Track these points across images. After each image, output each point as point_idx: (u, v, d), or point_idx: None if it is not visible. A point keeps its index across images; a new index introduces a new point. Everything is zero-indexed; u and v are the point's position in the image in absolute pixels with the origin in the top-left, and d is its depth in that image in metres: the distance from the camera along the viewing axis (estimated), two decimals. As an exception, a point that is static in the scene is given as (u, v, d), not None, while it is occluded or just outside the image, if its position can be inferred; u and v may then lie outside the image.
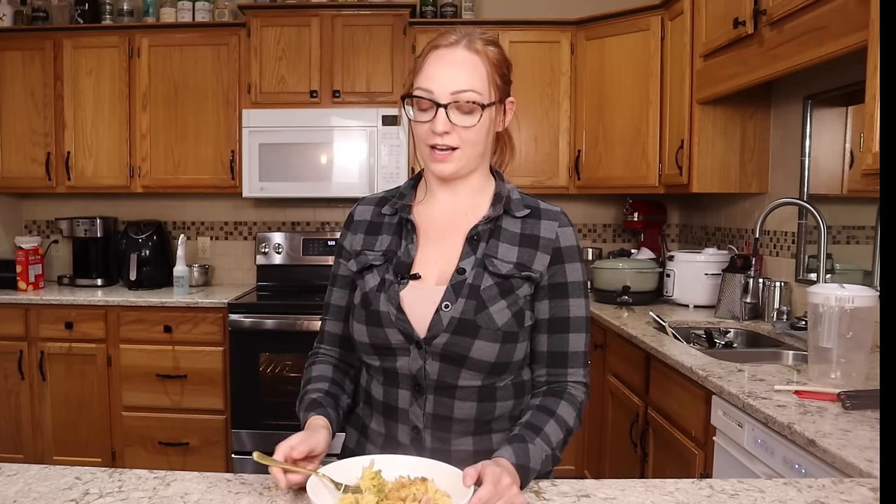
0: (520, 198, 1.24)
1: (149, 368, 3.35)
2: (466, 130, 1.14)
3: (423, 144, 1.17)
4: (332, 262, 1.33)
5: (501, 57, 1.19)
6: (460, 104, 1.13)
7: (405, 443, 1.18)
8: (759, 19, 2.26)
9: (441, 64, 1.14)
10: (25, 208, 4.09)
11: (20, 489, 1.07)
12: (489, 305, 1.14)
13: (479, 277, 1.16)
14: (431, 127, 1.14)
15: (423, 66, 1.16)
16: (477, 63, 1.15)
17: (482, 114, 1.14)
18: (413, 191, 1.27)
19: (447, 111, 1.13)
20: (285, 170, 3.49)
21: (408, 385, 1.17)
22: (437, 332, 1.14)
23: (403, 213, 1.23)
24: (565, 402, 1.18)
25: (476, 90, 1.13)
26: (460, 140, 1.15)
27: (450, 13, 3.70)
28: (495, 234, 1.20)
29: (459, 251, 1.19)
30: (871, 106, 1.68)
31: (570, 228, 1.22)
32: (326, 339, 1.32)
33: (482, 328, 1.13)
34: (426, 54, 1.17)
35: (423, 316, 1.15)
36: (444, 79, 1.13)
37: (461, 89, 1.13)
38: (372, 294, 1.18)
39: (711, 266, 3.05)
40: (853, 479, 1.18)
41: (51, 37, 3.62)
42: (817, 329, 1.76)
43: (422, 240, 1.22)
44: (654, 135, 3.24)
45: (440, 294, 1.16)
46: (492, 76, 1.16)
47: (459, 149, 1.16)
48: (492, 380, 1.17)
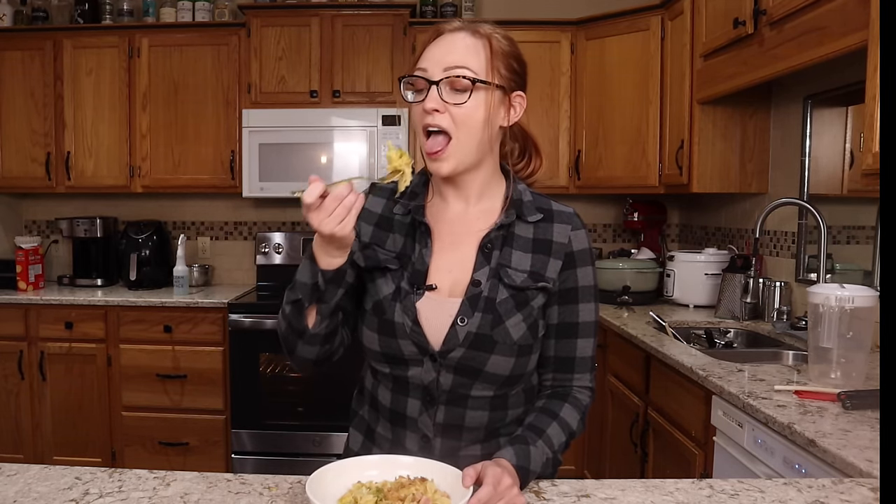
0: (532, 199, 1.19)
1: (149, 368, 3.35)
2: (458, 109, 1.08)
3: (421, 133, 1.12)
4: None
5: (510, 49, 1.15)
6: (452, 80, 1.08)
7: (413, 450, 1.16)
8: (759, 19, 2.26)
9: (439, 45, 1.12)
10: (25, 208, 4.09)
11: (20, 489, 1.07)
12: (505, 320, 1.12)
13: (494, 290, 1.13)
14: (424, 105, 1.09)
15: (424, 50, 1.13)
16: (477, 46, 1.11)
17: (473, 91, 1.08)
18: (425, 189, 1.22)
19: (439, 88, 1.08)
20: (285, 170, 3.49)
21: (418, 395, 1.15)
22: (453, 347, 1.11)
23: (417, 215, 1.18)
24: (569, 406, 1.16)
25: (470, 68, 1.09)
26: (452, 121, 1.09)
27: (450, 13, 3.70)
28: (508, 241, 1.16)
29: (472, 259, 1.16)
30: (871, 106, 1.68)
31: (582, 231, 1.19)
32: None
33: (498, 343, 1.11)
34: (430, 39, 1.14)
35: (439, 329, 1.13)
36: (439, 57, 1.10)
37: (454, 65, 1.09)
38: (387, 303, 1.15)
39: (711, 266, 3.05)
40: (853, 479, 1.18)
41: (51, 37, 3.62)
42: (817, 329, 1.76)
43: (435, 245, 1.18)
44: (654, 135, 3.24)
45: (456, 307, 1.13)
46: (492, 62, 1.11)
47: (453, 139, 1.09)
48: (504, 389, 1.15)
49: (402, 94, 1.14)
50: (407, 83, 1.13)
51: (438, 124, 1.09)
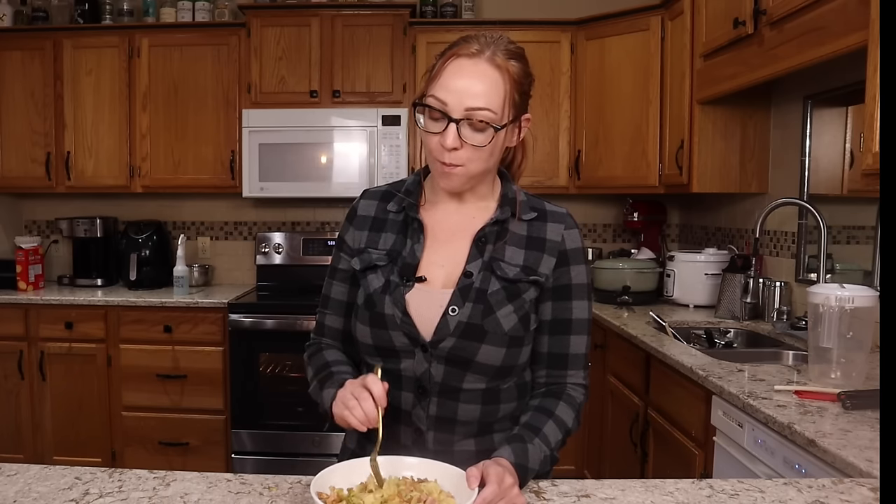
0: (526, 199, 1.22)
1: (149, 368, 3.35)
2: (476, 149, 1.10)
3: (432, 157, 1.14)
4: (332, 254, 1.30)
5: (524, 72, 1.14)
6: (473, 122, 1.08)
7: (407, 444, 1.17)
8: (759, 19, 2.26)
9: (459, 75, 1.09)
10: (25, 208, 4.09)
11: (20, 489, 1.07)
12: (496, 310, 1.14)
13: (486, 281, 1.15)
14: (441, 140, 1.09)
15: (441, 73, 1.10)
16: (497, 80, 1.09)
17: (494, 136, 1.10)
18: (420, 188, 1.24)
19: (459, 126, 1.08)
20: (285, 170, 3.49)
21: (411, 387, 1.16)
22: (444, 336, 1.13)
23: (411, 213, 1.21)
24: (564, 403, 1.17)
25: (492, 109, 1.08)
26: (468, 157, 1.11)
27: (450, 13, 3.70)
28: (502, 237, 1.18)
29: (466, 253, 1.18)
30: (871, 106, 1.68)
31: (575, 230, 1.21)
32: (328, 333, 1.29)
33: (489, 333, 1.13)
34: (445, 61, 1.11)
35: (430, 319, 1.14)
36: (461, 92, 1.08)
37: (476, 107, 1.08)
38: (376, 296, 1.17)
39: (711, 266, 3.05)
40: (853, 479, 1.18)
41: (51, 37, 3.62)
42: (817, 329, 1.76)
43: (428, 241, 1.20)
44: (654, 135, 3.24)
45: (447, 297, 1.15)
46: (511, 94, 1.11)
47: (466, 167, 1.12)
48: (496, 382, 1.17)
49: (417, 120, 1.14)
50: (420, 108, 1.13)
51: (455, 162, 1.11)
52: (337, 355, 1.25)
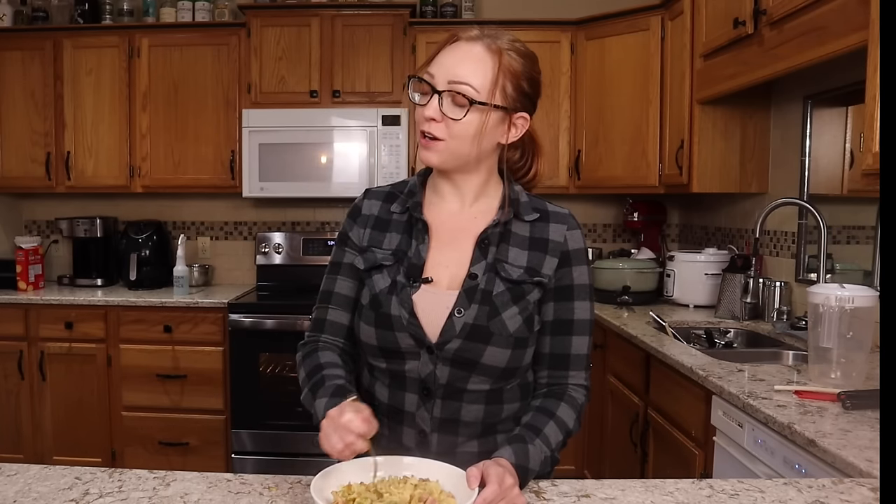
0: (528, 200, 1.22)
1: (149, 368, 3.35)
2: (454, 124, 1.10)
3: (417, 130, 1.16)
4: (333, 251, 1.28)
5: (522, 68, 1.14)
6: (454, 95, 1.10)
7: (410, 446, 1.17)
8: (759, 19, 2.26)
9: (452, 53, 1.12)
10: (25, 208, 4.09)
11: (20, 489, 1.07)
12: (502, 312, 1.14)
13: (490, 283, 1.15)
14: (423, 111, 1.12)
15: (438, 52, 1.14)
16: (487, 62, 1.11)
17: (469, 111, 1.10)
18: (423, 189, 1.24)
19: (441, 98, 1.10)
20: (285, 170, 3.49)
21: (415, 389, 1.16)
22: (450, 338, 1.13)
23: (415, 213, 1.21)
24: (565, 404, 1.17)
25: (474, 86, 1.10)
26: (447, 132, 1.11)
27: (450, 13, 3.70)
28: (505, 238, 1.18)
29: (470, 255, 1.18)
30: (871, 106, 1.68)
31: (578, 231, 1.21)
32: (330, 329, 1.23)
33: (495, 334, 1.13)
34: (445, 42, 1.14)
35: (436, 321, 1.14)
36: (448, 66, 1.11)
37: (458, 80, 1.10)
38: (382, 296, 1.16)
39: (711, 266, 3.05)
40: (853, 479, 1.18)
41: (51, 37, 3.62)
42: (817, 329, 1.76)
43: (433, 242, 1.20)
44: (654, 135, 3.24)
45: (452, 299, 1.15)
46: (500, 80, 1.11)
47: (444, 141, 1.12)
48: (500, 384, 1.17)
49: (410, 94, 1.16)
50: (415, 83, 1.15)
51: (433, 132, 1.12)
52: (331, 357, 1.20)
